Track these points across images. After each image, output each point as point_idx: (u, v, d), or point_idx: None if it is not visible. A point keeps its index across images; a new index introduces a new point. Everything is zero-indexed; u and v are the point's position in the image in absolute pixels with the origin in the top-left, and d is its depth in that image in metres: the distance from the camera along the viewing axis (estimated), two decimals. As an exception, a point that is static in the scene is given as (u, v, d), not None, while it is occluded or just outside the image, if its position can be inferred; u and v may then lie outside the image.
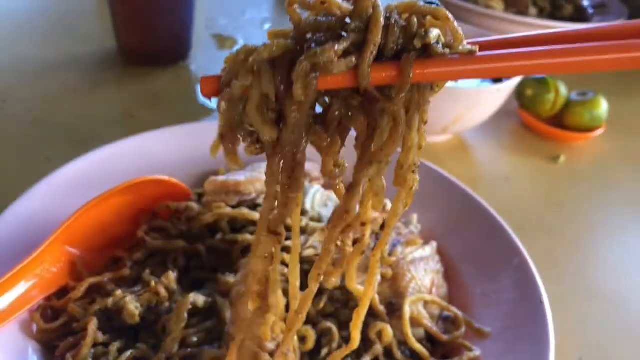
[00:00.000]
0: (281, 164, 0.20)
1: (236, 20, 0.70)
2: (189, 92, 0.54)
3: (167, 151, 0.39)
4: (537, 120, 0.53)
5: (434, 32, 0.19)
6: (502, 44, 0.20)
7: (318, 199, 0.37)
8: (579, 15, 0.75)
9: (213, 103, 0.50)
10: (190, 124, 0.41)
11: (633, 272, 0.40)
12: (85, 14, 0.69)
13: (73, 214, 0.33)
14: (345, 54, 0.18)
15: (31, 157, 0.43)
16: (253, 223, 0.35)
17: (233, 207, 0.35)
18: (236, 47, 0.55)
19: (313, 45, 0.19)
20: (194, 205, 0.35)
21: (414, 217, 0.37)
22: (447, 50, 0.19)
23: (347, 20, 0.19)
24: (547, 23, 0.66)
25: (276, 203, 0.21)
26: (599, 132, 0.52)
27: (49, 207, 0.35)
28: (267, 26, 0.69)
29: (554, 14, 0.74)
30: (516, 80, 0.47)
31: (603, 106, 0.52)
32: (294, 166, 0.20)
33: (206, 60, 0.60)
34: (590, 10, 0.76)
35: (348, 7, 0.19)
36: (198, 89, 0.54)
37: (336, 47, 0.18)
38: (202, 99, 0.53)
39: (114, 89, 0.54)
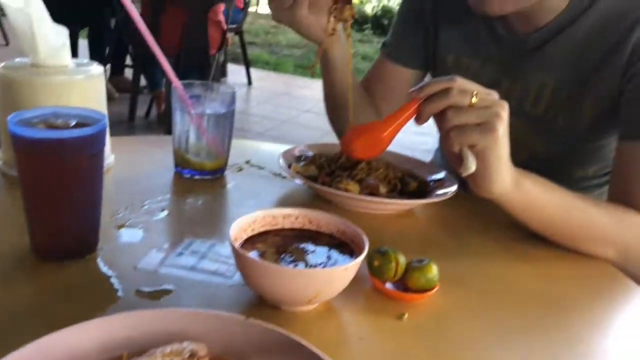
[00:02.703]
0: None
1: (137, 210, 0.81)
2: (99, 283, 0.64)
3: (87, 344, 0.47)
4: (384, 284, 0.66)
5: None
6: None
7: None
8: (422, 187, 0.93)
9: (120, 292, 0.61)
10: (102, 318, 0.50)
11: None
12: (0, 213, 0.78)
13: None
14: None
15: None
16: None
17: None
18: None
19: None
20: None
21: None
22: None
23: None
24: (392, 201, 0.83)
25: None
26: (434, 291, 0.67)
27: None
28: (164, 213, 0.81)
29: (403, 189, 0.92)
30: (362, 257, 0.61)
31: (434, 270, 0.67)
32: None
33: (112, 251, 0.70)
34: (431, 184, 0.95)
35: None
36: (108, 280, 0.64)
37: None
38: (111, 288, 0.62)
39: (27, 284, 0.62)
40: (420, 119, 0.74)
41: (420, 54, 1.12)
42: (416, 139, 2.47)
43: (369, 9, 8.56)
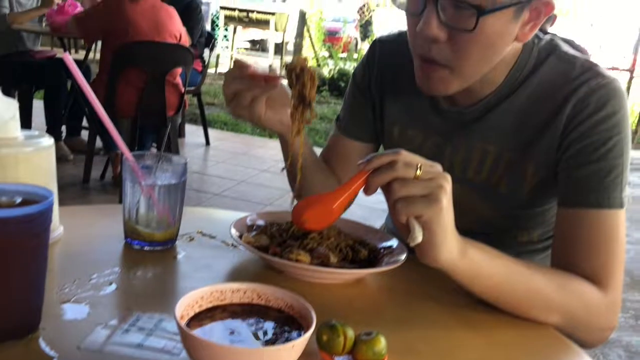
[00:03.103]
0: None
1: (84, 284, 0.80)
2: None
3: None
4: (333, 359, 0.66)
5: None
6: None
7: None
8: (373, 255, 0.95)
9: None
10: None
11: None
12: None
13: None
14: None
15: None
16: None
17: None
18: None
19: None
20: None
21: None
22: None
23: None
24: (343, 271, 0.84)
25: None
26: (383, 363, 0.67)
27: None
28: (112, 287, 0.80)
29: (354, 257, 0.93)
30: (310, 332, 0.61)
31: (382, 342, 0.67)
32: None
33: (55, 330, 0.68)
34: (382, 251, 0.96)
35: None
36: (46, 362, 0.62)
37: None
38: (49, 370, 0.60)
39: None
40: (368, 191, 0.77)
41: (370, 128, 1.16)
42: (372, 198, 2.51)
43: (326, 71, 8.79)
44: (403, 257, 0.91)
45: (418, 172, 0.74)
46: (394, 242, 0.97)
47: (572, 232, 0.92)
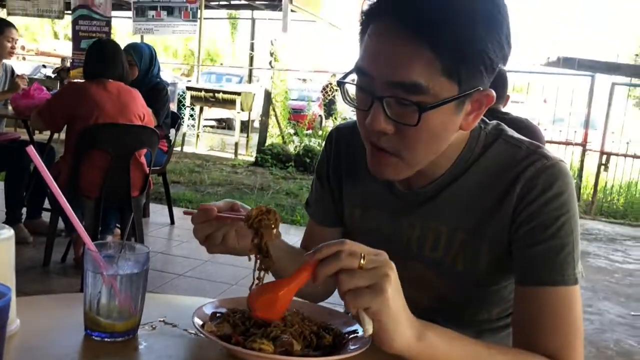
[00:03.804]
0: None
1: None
2: None
3: None
4: None
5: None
6: None
7: None
8: (338, 340, 0.95)
9: None
10: None
11: None
12: None
13: None
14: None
15: None
16: None
17: None
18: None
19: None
20: None
21: None
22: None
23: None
24: (305, 359, 0.83)
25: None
26: None
27: None
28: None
29: (318, 344, 0.93)
30: None
31: None
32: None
33: None
34: (347, 335, 0.96)
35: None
36: None
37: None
38: None
39: None
40: (315, 280, 0.80)
41: (332, 214, 1.20)
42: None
43: (291, 148, 8.93)
44: (367, 342, 0.91)
45: (362, 261, 0.77)
46: (358, 326, 0.97)
47: (529, 311, 0.94)
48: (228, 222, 0.95)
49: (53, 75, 7.86)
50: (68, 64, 4.63)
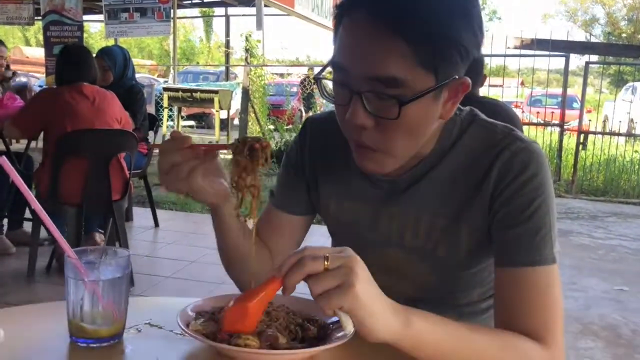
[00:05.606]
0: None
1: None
2: None
3: None
4: None
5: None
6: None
7: None
8: (323, 331, 0.96)
9: None
10: None
11: None
12: None
13: None
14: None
15: None
16: None
17: None
18: None
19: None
20: None
21: None
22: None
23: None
24: (291, 352, 0.84)
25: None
26: None
27: None
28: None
29: (304, 336, 0.94)
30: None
31: None
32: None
33: None
34: (331, 326, 0.97)
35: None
36: None
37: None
38: None
39: None
40: (286, 292, 0.82)
41: (303, 203, 1.19)
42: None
43: (272, 143, 8.92)
44: (351, 331, 0.92)
45: (326, 262, 0.77)
46: (342, 316, 0.98)
47: (509, 292, 0.96)
48: (200, 155, 0.89)
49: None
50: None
